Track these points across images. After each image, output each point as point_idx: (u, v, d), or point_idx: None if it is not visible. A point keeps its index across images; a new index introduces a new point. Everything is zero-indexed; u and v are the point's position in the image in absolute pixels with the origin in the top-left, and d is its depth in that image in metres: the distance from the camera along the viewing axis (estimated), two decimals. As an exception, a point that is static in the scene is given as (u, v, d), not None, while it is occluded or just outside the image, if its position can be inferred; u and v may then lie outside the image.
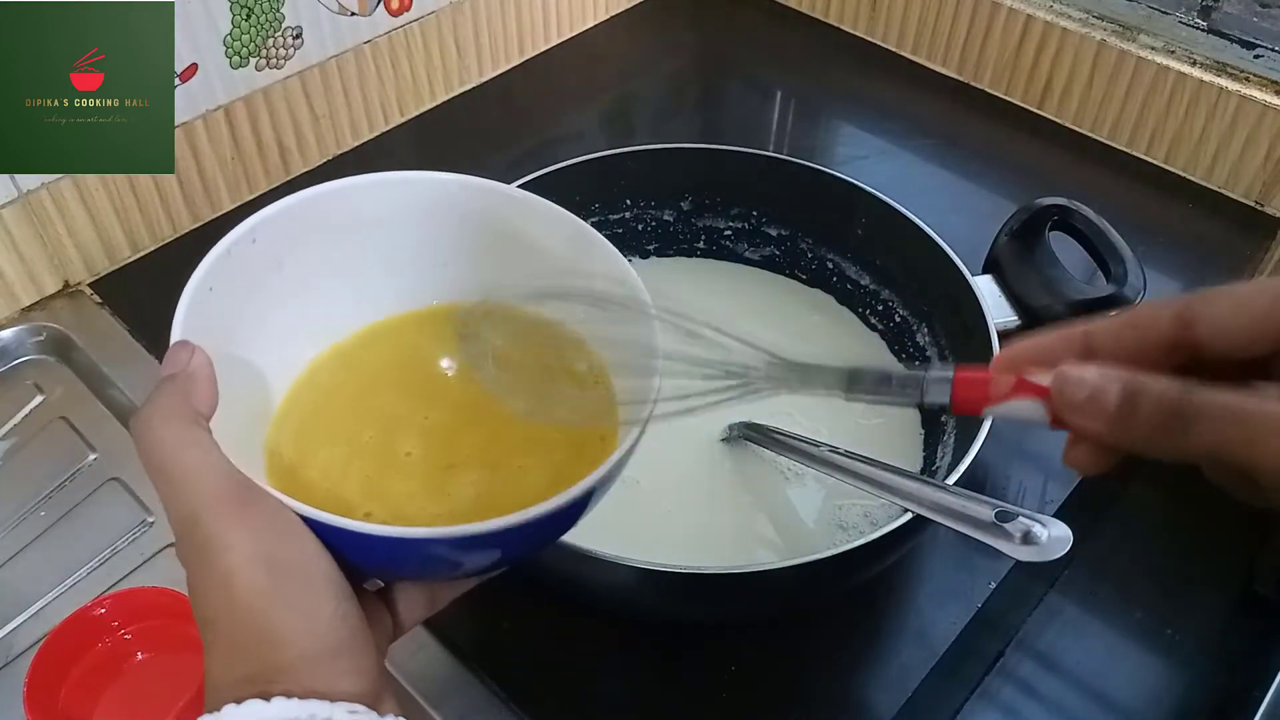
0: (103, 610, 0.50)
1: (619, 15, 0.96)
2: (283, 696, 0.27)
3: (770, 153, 0.65)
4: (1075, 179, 0.81)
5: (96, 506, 0.58)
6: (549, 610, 0.53)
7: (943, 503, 0.44)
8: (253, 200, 0.75)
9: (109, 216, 0.68)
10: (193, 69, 0.67)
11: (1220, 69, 0.76)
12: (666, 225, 0.67)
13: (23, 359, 0.66)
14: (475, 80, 0.87)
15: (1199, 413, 0.25)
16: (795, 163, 0.64)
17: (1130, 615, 0.55)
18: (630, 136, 0.86)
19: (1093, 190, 0.74)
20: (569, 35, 0.93)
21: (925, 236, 0.58)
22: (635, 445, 0.34)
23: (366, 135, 0.81)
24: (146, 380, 0.61)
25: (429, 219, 0.41)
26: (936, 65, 0.90)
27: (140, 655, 0.51)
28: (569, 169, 0.61)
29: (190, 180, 0.71)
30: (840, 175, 0.62)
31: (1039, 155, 0.83)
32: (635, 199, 0.66)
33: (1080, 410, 0.27)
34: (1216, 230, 0.77)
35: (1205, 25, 0.77)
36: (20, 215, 0.64)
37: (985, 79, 0.88)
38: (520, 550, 0.36)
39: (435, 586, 0.36)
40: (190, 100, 0.68)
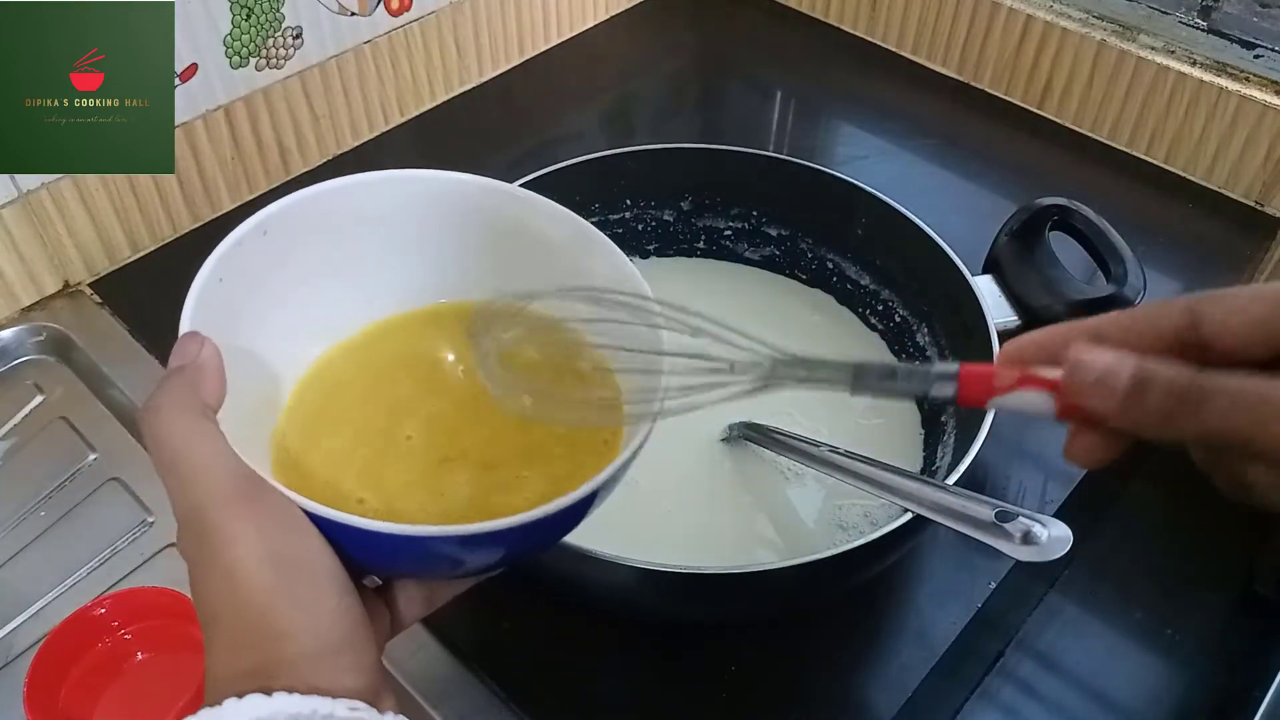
0: (103, 610, 0.50)
1: (619, 15, 0.96)
2: (284, 692, 0.27)
3: (770, 153, 0.65)
4: (1075, 179, 0.81)
5: (96, 506, 0.58)
6: (549, 610, 0.53)
7: (943, 503, 0.44)
8: (253, 200, 0.75)
9: (109, 216, 0.68)
10: (193, 69, 0.67)
11: (1220, 69, 0.76)
12: (666, 225, 0.67)
13: (23, 359, 0.66)
14: (475, 80, 0.87)
15: (1209, 394, 0.25)
16: (795, 163, 0.64)
17: (1130, 615, 0.55)
18: (630, 136, 0.86)
19: (1093, 190, 0.74)
20: (569, 35, 0.93)
21: (925, 236, 0.58)
22: (640, 449, 0.34)
23: (367, 135, 0.81)
24: (146, 380, 0.61)
25: (436, 216, 0.41)
26: (936, 65, 0.90)
27: (140, 655, 0.51)
28: (569, 169, 0.61)
29: (190, 180, 0.71)
30: (840, 175, 0.62)
31: (1039, 155, 0.83)
32: (635, 199, 0.66)
33: (1091, 391, 0.27)
34: (1216, 230, 0.77)
35: (1205, 25, 0.77)
36: (20, 215, 0.64)
37: (985, 79, 0.88)
38: (523, 550, 0.36)
39: (434, 584, 0.36)
40: (190, 100, 0.68)
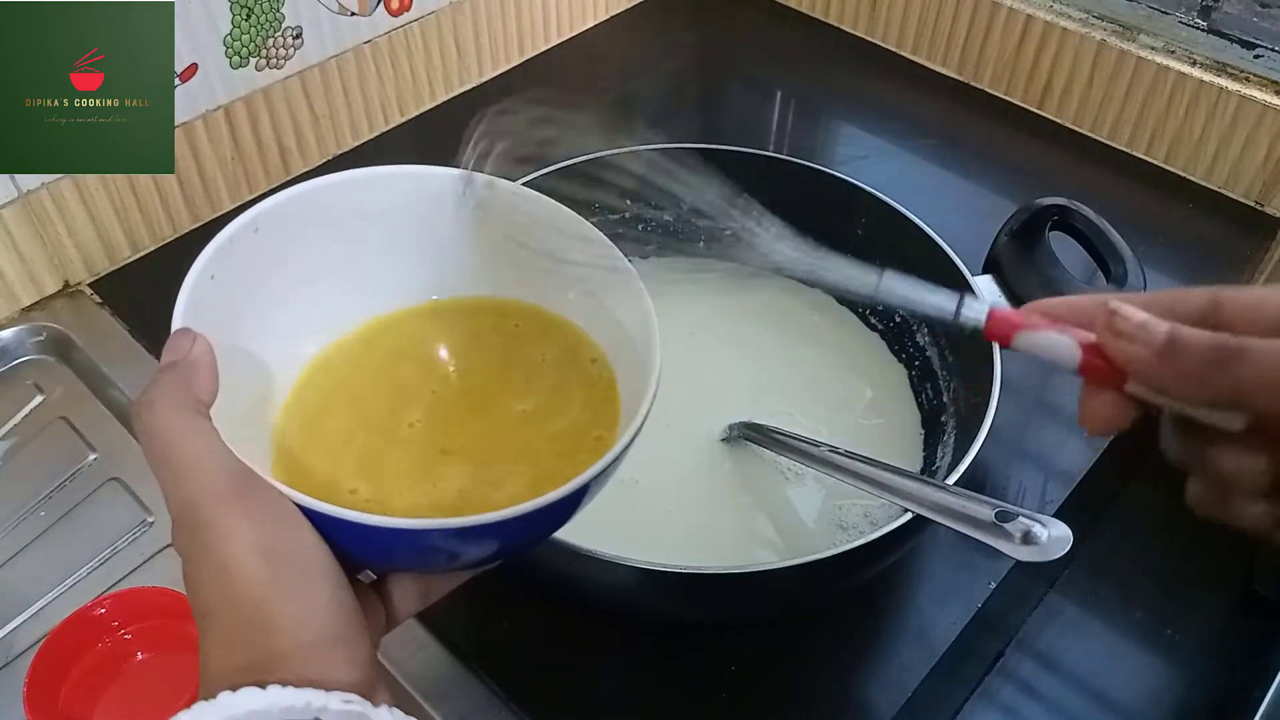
0: (103, 610, 0.50)
1: (619, 15, 0.96)
2: (278, 685, 0.27)
3: (770, 153, 0.65)
4: (1075, 179, 0.81)
5: (96, 506, 0.58)
6: (549, 610, 0.53)
7: (943, 503, 0.44)
8: (253, 200, 0.74)
9: (109, 216, 0.68)
10: (193, 69, 0.67)
11: (1220, 69, 0.76)
12: (666, 225, 0.67)
13: (23, 359, 0.66)
14: (475, 80, 0.87)
15: (1245, 350, 0.26)
16: (795, 163, 0.64)
17: (1130, 615, 0.55)
18: (630, 137, 0.86)
19: (1093, 190, 0.74)
20: (569, 35, 0.93)
21: (925, 236, 0.58)
22: (632, 442, 0.34)
23: (366, 135, 0.81)
24: (146, 380, 0.61)
25: (432, 213, 0.41)
26: (936, 65, 0.90)
27: (140, 655, 0.51)
28: (569, 169, 0.61)
29: (190, 180, 0.71)
30: (840, 175, 0.62)
31: (1039, 155, 0.83)
32: (635, 199, 0.66)
33: (1131, 334, 0.27)
34: (1216, 230, 0.77)
35: (1205, 25, 0.77)
36: (20, 215, 0.64)
37: (985, 79, 0.88)
38: (517, 543, 0.36)
39: (430, 579, 0.36)
40: (190, 100, 0.68)
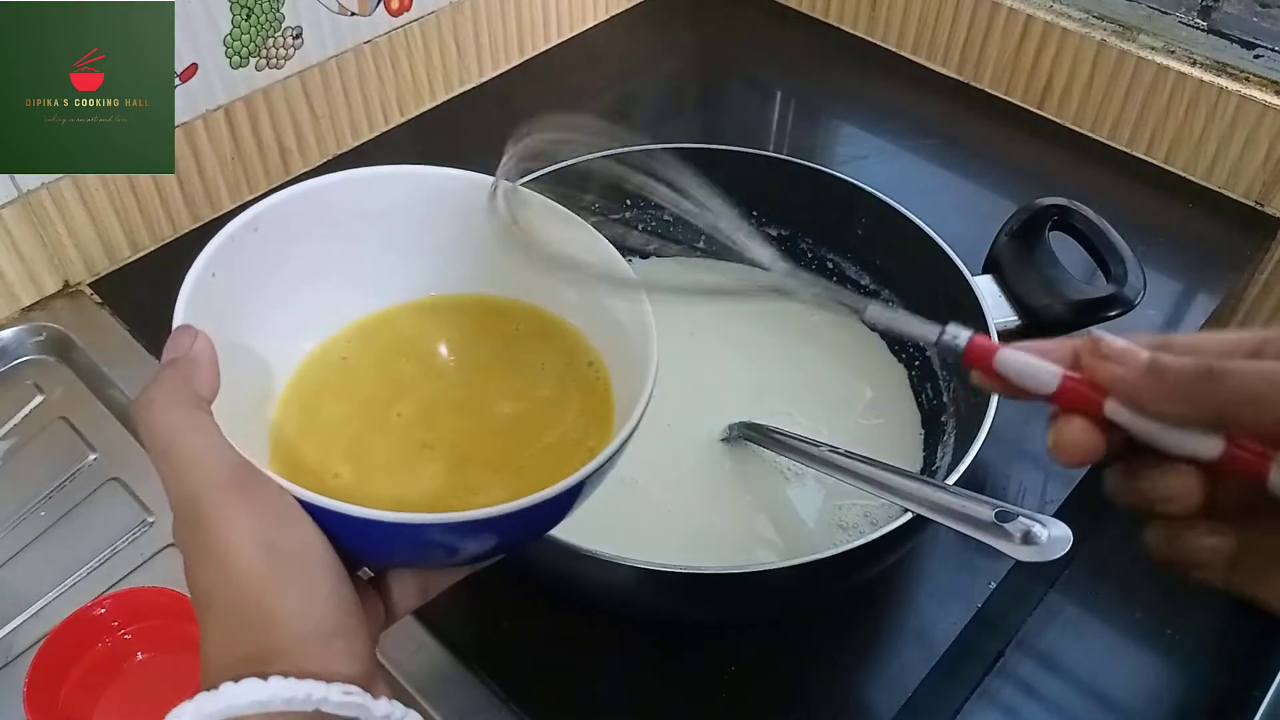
0: (103, 610, 0.50)
1: (619, 15, 0.96)
2: (279, 676, 0.28)
3: (770, 153, 0.65)
4: (1075, 179, 0.81)
5: (96, 506, 0.58)
6: (549, 610, 0.53)
7: (943, 503, 0.44)
8: (253, 200, 0.74)
9: (109, 216, 0.68)
10: (193, 69, 0.67)
11: (1220, 69, 0.76)
12: (667, 225, 0.67)
13: (23, 359, 0.66)
14: (475, 80, 0.87)
15: (1227, 370, 0.26)
16: (795, 163, 0.64)
17: (1130, 615, 0.55)
18: (630, 137, 0.86)
19: (1093, 190, 0.74)
20: (569, 35, 0.93)
21: (925, 236, 0.58)
22: (628, 440, 0.34)
23: (366, 135, 0.81)
24: (146, 380, 0.61)
25: (431, 212, 0.41)
26: (936, 65, 0.90)
27: (140, 655, 0.51)
28: (569, 169, 0.61)
29: (190, 180, 0.71)
30: (840, 175, 0.62)
31: (1039, 155, 0.83)
32: (635, 199, 0.66)
33: (1115, 358, 0.27)
34: (1216, 230, 0.77)
35: (1205, 25, 0.77)
36: (20, 215, 0.64)
37: (985, 79, 0.88)
38: (513, 539, 0.36)
39: (428, 574, 0.37)
40: (190, 100, 0.68)
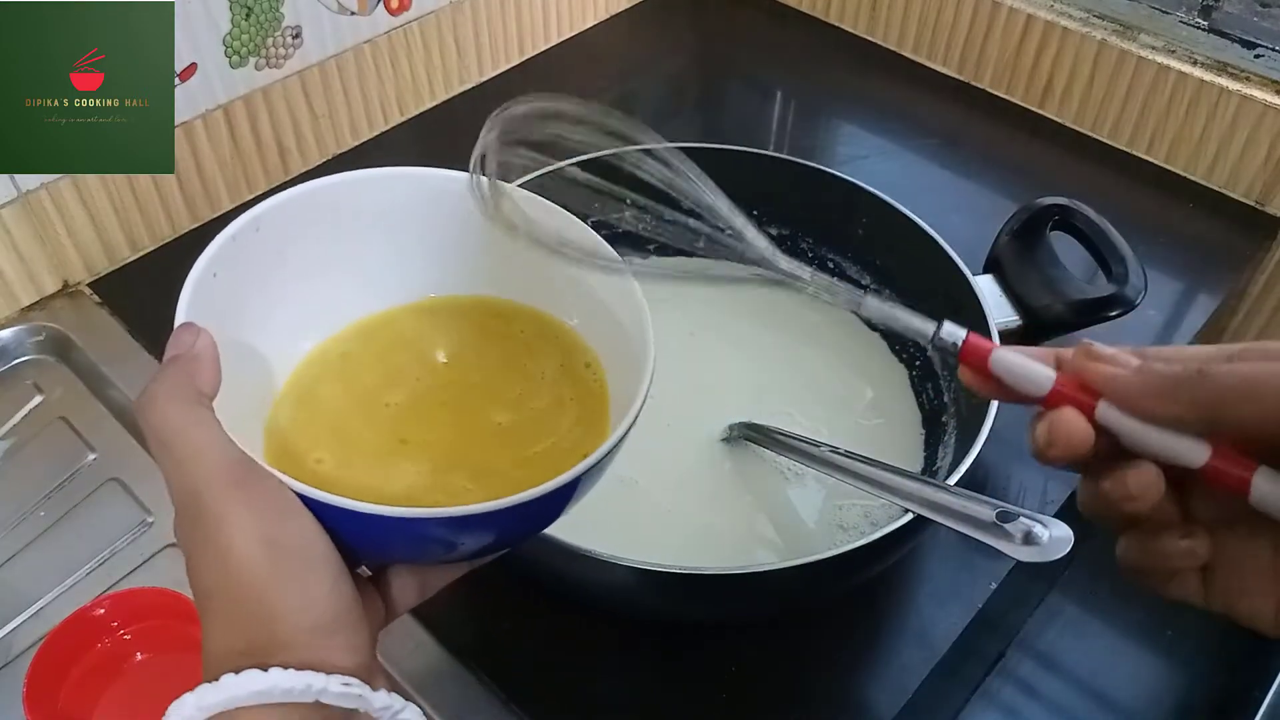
0: (102, 610, 0.50)
1: (619, 15, 0.96)
2: (279, 667, 0.28)
3: (770, 152, 0.65)
4: (1076, 179, 0.81)
5: (96, 507, 0.58)
6: (549, 610, 0.53)
7: (943, 503, 0.44)
8: (252, 200, 0.74)
9: (108, 216, 0.68)
10: (192, 69, 0.67)
11: (1221, 69, 0.76)
12: (667, 225, 0.67)
13: (22, 359, 0.66)
14: (475, 80, 0.87)
15: (1216, 369, 0.27)
16: (795, 162, 0.63)
17: (1130, 615, 0.55)
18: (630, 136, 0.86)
19: (1093, 190, 0.74)
20: (569, 35, 0.93)
21: (926, 236, 0.58)
22: (625, 436, 0.34)
23: (366, 135, 0.81)
24: (146, 380, 0.61)
25: (431, 213, 0.41)
26: (937, 65, 0.90)
27: (140, 656, 0.51)
28: (568, 169, 0.61)
29: (189, 180, 0.71)
30: (841, 175, 0.62)
31: (1039, 155, 0.83)
32: (635, 199, 0.66)
33: (1107, 359, 0.28)
34: (1217, 230, 0.77)
35: (1206, 25, 0.77)
36: (20, 215, 0.64)
37: (986, 78, 0.88)
38: (512, 534, 0.36)
39: (427, 572, 0.37)
40: (190, 100, 0.68)
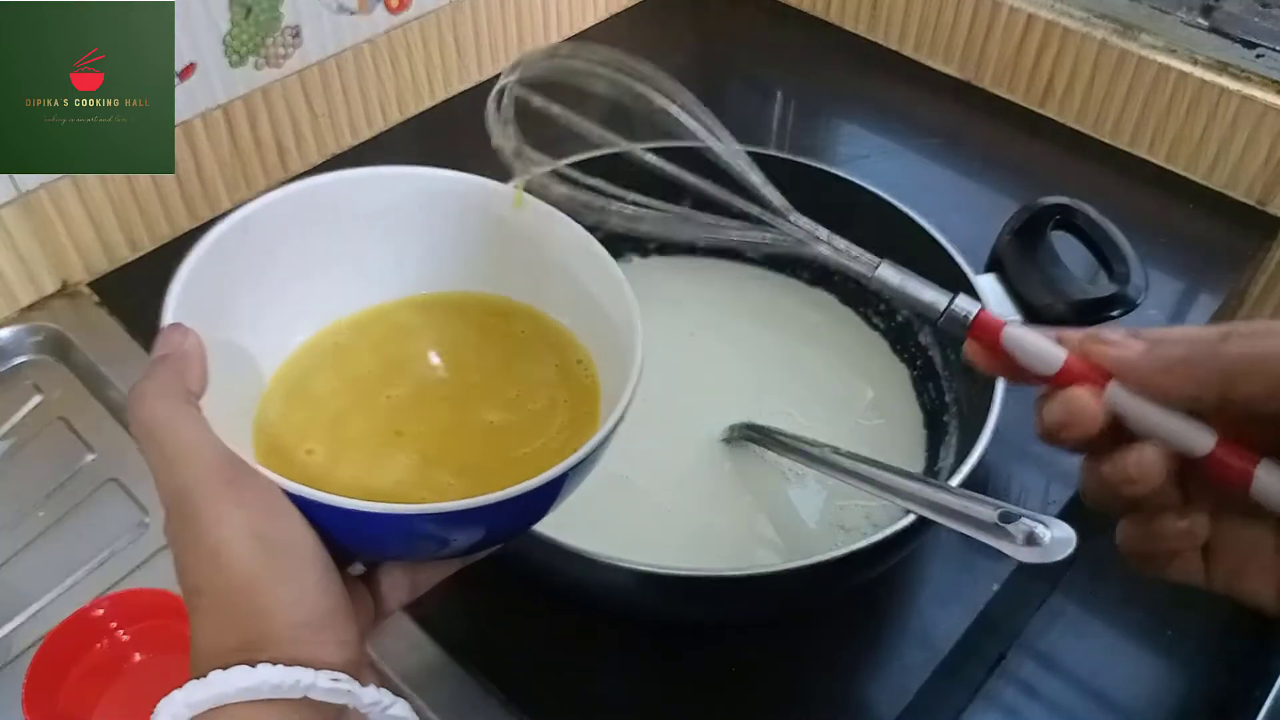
0: (101, 611, 0.50)
1: (619, 14, 0.96)
2: (268, 663, 0.29)
3: (771, 152, 0.65)
4: (1076, 178, 0.81)
5: (95, 507, 0.58)
6: (548, 610, 0.53)
7: (945, 504, 0.43)
8: (251, 200, 0.75)
9: (108, 217, 0.68)
10: (191, 68, 0.67)
11: (1221, 68, 0.76)
12: (667, 225, 0.67)
13: (21, 359, 0.66)
14: (475, 79, 0.87)
15: (1228, 335, 0.27)
16: (796, 162, 0.63)
17: (1131, 616, 0.55)
18: (630, 135, 0.86)
19: (1094, 190, 0.74)
20: (569, 34, 0.93)
21: (927, 235, 0.58)
22: (613, 432, 0.34)
23: (366, 134, 0.81)
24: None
25: (422, 213, 0.41)
26: (938, 64, 0.90)
27: (139, 656, 0.51)
28: (567, 169, 0.61)
29: (189, 180, 0.71)
30: (841, 174, 0.62)
31: (1040, 154, 0.83)
32: (635, 198, 0.66)
33: (1115, 343, 0.29)
34: (1218, 230, 0.77)
35: (1207, 24, 0.76)
36: (19, 215, 0.63)
37: (987, 78, 0.88)
38: (500, 531, 0.36)
39: (417, 569, 0.37)
40: (189, 99, 0.68)
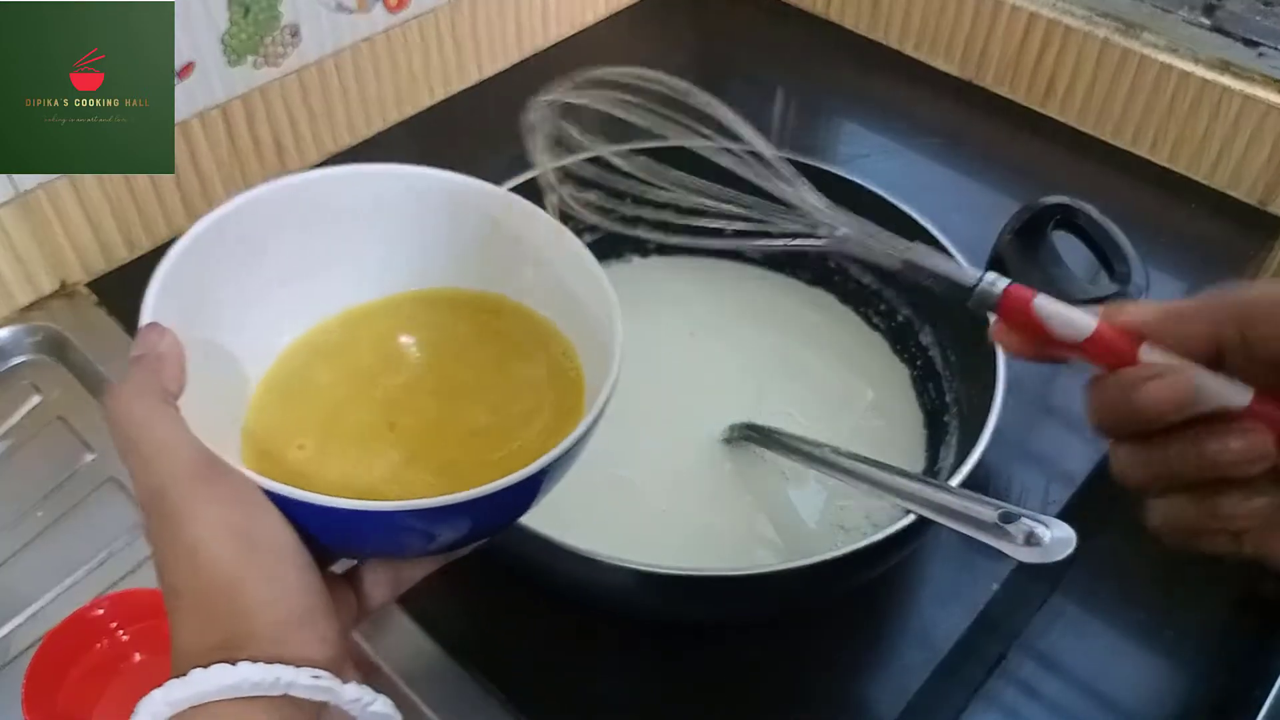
0: (101, 611, 0.50)
1: (619, 13, 0.96)
2: (248, 661, 0.28)
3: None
4: (1078, 178, 0.81)
5: (94, 507, 0.58)
6: (548, 610, 0.53)
7: (945, 504, 0.43)
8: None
9: (106, 217, 0.68)
10: (189, 67, 0.67)
11: (1223, 68, 0.76)
12: (667, 225, 0.67)
13: (20, 359, 0.66)
14: (474, 78, 0.87)
15: (1242, 287, 0.29)
16: (796, 161, 0.63)
17: (1131, 615, 0.54)
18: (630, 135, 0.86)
19: (1095, 190, 0.74)
20: (569, 33, 0.92)
21: (928, 235, 0.58)
22: (593, 427, 0.34)
23: (364, 134, 0.81)
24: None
25: (404, 211, 0.41)
26: (939, 63, 0.90)
27: (138, 656, 0.51)
28: (566, 169, 0.60)
29: (187, 180, 0.71)
30: (842, 174, 0.62)
31: (1042, 154, 0.83)
32: (636, 198, 0.65)
33: (1135, 311, 0.31)
34: (1219, 230, 0.77)
35: (1209, 23, 0.76)
36: (18, 215, 0.63)
37: (988, 77, 0.87)
38: (481, 526, 0.36)
39: (399, 566, 0.37)
40: (188, 98, 0.68)
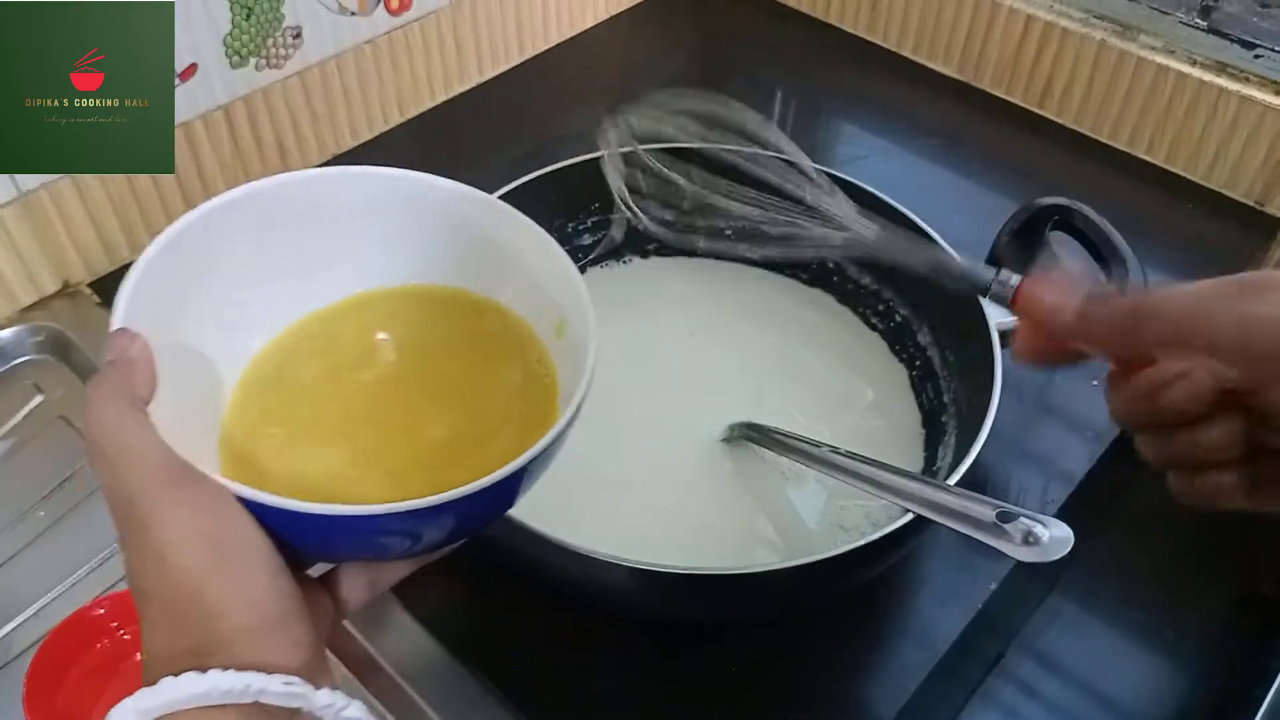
0: (102, 611, 0.50)
1: (619, 14, 0.96)
2: (219, 669, 0.28)
3: (770, 153, 0.65)
4: (1076, 179, 0.81)
5: (96, 507, 0.58)
6: (547, 608, 0.53)
7: (944, 503, 0.44)
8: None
9: (108, 217, 0.68)
10: (192, 69, 0.67)
11: (1220, 69, 0.76)
12: (667, 225, 0.67)
13: (22, 359, 0.66)
14: (475, 80, 0.87)
15: (1149, 303, 0.33)
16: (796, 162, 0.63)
17: (1130, 615, 0.55)
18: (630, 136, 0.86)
19: (1093, 190, 0.74)
20: (569, 35, 0.93)
21: (926, 236, 0.58)
22: (567, 429, 0.34)
23: (366, 135, 0.81)
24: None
25: (387, 213, 0.41)
26: (937, 65, 0.90)
27: (139, 656, 0.51)
28: (569, 168, 0.61)
29: (190, 180, 0.71)
30: (841, 175, 0.62)
31: (1039, 155, 0.83)
32: (635, 198, 0.66)
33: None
34: (1217, 230, 0.77)
35: (1205, 25, 0.77)
36: (20, 215, 0.64)
37: (986, 79, 0.88)
38: (461, 528, 0.36)
39: (375, 569, 0.36)
40: (190, 100, 0.68)
